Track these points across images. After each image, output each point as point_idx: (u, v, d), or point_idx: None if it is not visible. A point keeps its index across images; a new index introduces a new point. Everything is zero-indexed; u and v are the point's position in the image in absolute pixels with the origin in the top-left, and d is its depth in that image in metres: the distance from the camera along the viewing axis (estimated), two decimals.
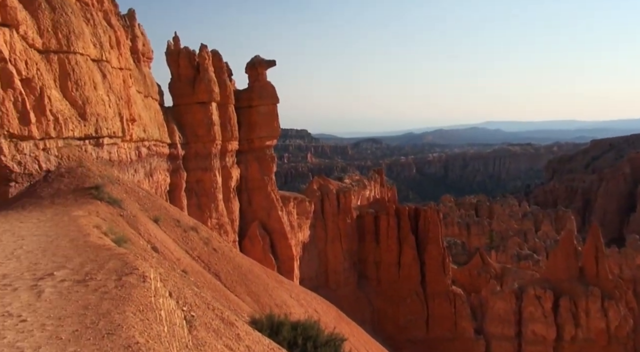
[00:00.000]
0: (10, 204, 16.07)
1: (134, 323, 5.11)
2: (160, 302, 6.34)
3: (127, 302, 5.84)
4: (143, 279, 6.89)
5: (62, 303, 6.06)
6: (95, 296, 6.19)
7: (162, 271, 9.50)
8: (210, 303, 9.27)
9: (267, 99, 48.21)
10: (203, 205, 42.53)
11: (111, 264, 8.01)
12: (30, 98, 16.55)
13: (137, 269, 7.44)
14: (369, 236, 71.41)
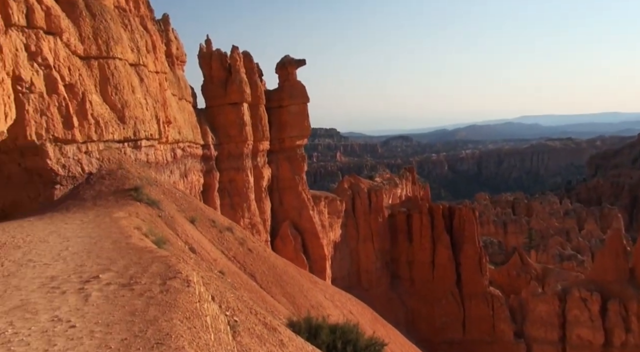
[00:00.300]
0: (55, 206, 16.69)
1: (182, 332, 5.20)
2: (205, 308, 6.46)
3: (173, 308, 5.97)
4: (187, 284, 7.03)
5: (109, 308, 6.23)
6: (141, 301, 6.35)
7: (204, 274, 9.66)
8: (253, 307, 9.38)
9: (297, 99, 48.41)
10: (236, 205, 43.09)
11: (154, 267, 8.21)
12: (73, 103, 17.13)
13: (180, 272, 7.60)
14: (402, 235, 70.75)
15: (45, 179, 16.75)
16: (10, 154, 16.30)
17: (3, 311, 6.54)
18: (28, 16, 15.66)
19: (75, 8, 19.01)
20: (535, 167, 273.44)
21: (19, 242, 11.80)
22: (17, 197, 16.97)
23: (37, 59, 15.92)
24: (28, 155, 16.43)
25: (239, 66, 41.65)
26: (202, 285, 7.91)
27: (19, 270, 9.33)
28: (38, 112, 15.97)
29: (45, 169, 16.50)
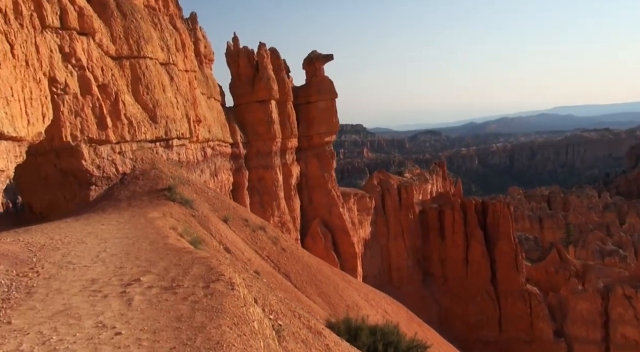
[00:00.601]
0: (91, 207, 16.83)
1: (233, 340, 4.95)
2: (251, 313, 6.21)
3: (220, 314, 5.73)
4: (231, 287, 6.80)
5: (154, 314, 6.04)
6: (186, 306, 6.15)
7: (245, 276, 9.45)
8: (296, 311, 9.12)
9: (325, 95, 48.00)
10: (265, 203, 43.07)
11: (196, 269, 8.03)
12: (106, 104, 17.23)
13: (223, 275, 7.38)
14: (434, 232, 69.64)
15: (81, 180, 16.89)
16: (46, 156, 16.50)
17: (47, 316, 6.44)
18: (62, 18, 15.78)
19: (107, 8, 19.12)
20: (570, 160, 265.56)
21: (57, 244, 11.85)
22: (54, 199, 17.18)
23: (71, 60, 16.04)
24: (64, 157, 16.60)
25: (266, 63, 41.55)
26: (245, 288, 7.69)
27: (60, 272, 9.30)
28: (73, 114, 16.09)
29: (80, 171, 16.64)
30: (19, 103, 8.76)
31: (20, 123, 8.72)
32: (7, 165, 8.65)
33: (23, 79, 9.10)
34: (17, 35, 9.04)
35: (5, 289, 8.02)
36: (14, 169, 9.07)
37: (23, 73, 9.13)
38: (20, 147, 9.11)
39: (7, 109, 8.33)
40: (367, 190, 66.38)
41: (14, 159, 8.94)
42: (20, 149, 9.16)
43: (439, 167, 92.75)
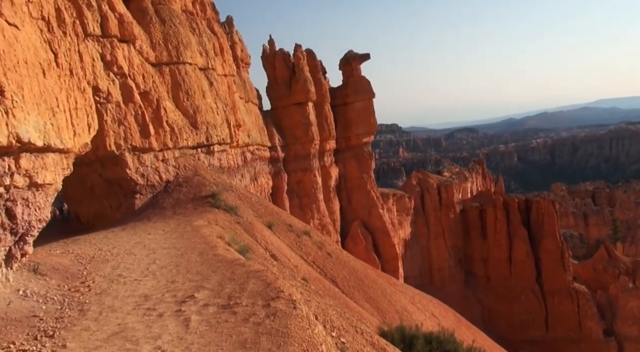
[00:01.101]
0: (136, 215, 16.66)
1: None
2: (316, 334, 5.60)
3: (287, 338, 5.13)
4: (293, 305, 6.21)
5: (215, 337, 5.50)
6: (248, 329, 5.58)
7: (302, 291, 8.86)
8: (357, 326, 8.47)
9: (362, 95, 47.21)
10: (305, 206, 42.62)
11: (252, 284, 7.48)
12: (148, 111, 17.03)
13: (282, 291, 6.80)
14: (475, 231, 67.79)
15: (126, 189, 16.74)
16: (91, 165, 16.41)
17: (102, 339, 6.01)
18: (102, 25, 15.64)
19: (146, 14, 18.98)
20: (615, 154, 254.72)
21: (106, 255, 11.59)
22: (100, 208, 17.11)
23: (113, 68, 15.89)
24: (108, 166, 16.48)
25: (302, 65, 41.09)
26: (305, 304, 7.09)
27: (110, 287, 8.95)
28: (116, 122, 15.94)
29: (125, 179, 16.48)
30: (64, 113, 8.45)
31: (66, 134, 8.41)
32: (55, 178, 8.35)
33: (67, 88, 8.81)
34: (60, 44, 8.75)
35: (58, 306, 7.70)
36: (61, 181, 8.76)
37: (67, 82, 8.84)
38: (67, 159, 8.81)
39: (52, 120, 8.01)
40: (405, 190, 65.18)
41: (62, 172, 8.63)
42: (67, 161, 8.86)
43: (478, 165, 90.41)
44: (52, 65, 8.24)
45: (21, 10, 7.67)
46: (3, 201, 7.30)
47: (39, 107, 7.61)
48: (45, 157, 7.94)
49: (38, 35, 8.03)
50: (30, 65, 7.55)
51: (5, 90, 6.90)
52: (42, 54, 7.95)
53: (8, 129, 6.82)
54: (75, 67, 9.04)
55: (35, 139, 7.35)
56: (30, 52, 7.57)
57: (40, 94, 7.69)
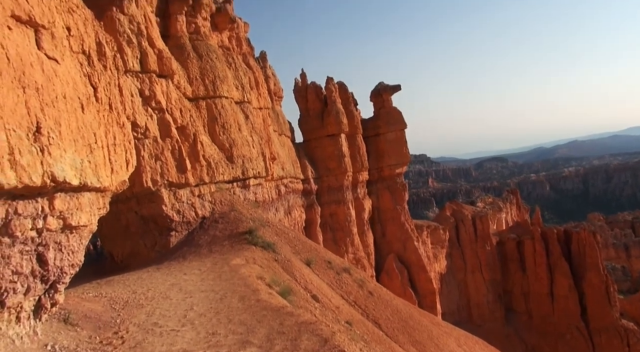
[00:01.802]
0: (171, 254, 15.96)
1: None
2: None
3: None
4: None
5: None
6: None
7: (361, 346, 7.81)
8: None
9: (394, 125, 46.45)
10: (339, 240, 41.46)
11: (305, 340, 6.52)
12: (185, 145, 16.55)
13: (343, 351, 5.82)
14: (513, 264, 64.92)
15: (161, 226, 16.11)
16: (127, 202, 15.90)
17: None
18: (142, 61, 15.40)
19: (183, 50, 18.80)
20: None
21: (140, 300, 10.80)
22: (135, 247, 16.50)
23: (151, 103, 15.54)
24: (144, 203, 15.93)
25: (334, 97, 40.77)
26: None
27: (146, 339, 8.08)
28: (153, 158, 15.47)
29: (161, 216, 15.87)
30: (102, 150, 7.86)
31: (103, 172, 7.79)
32: (90, 219, 7.69)
33: (106, 123, 8.26)
34: (100, 77, 8.26)
35: None
36: (96, 222, 8.09)
37: (106, 117, 8.30)
38: (103, 198, 8.17)
39: (90, 157, 7.41)
40: (439, 221, 63.20)
41: (97, 212, 7.98)
42: (104, 200, 8.22)
43: (512, 195, 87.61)
44: (92, 100, 7.70)
45: (62, 44, 7.22)
46: (34, 245, 6.64)
47: (76, 144, 7.02)
48: (80, 197, 7.29)
49: (78, 69, 7.56)
50: (68, 99, 7.02)
51: (42, 126, 6.35)
52: (81, 88, 7.45)
53: (43, 168, 6.21)
54: (115, 101, 8.51)
55: (71, 177, 6.72)
56: (69, 86, 7.06)
57: (78, 130, 7.12)
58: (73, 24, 7.63)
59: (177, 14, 19.12)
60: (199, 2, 19.82)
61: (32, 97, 6.20)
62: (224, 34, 22.03)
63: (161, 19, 18.94)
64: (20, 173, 5.70)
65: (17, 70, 5.91)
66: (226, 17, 21.40)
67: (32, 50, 6.44)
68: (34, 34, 6.64)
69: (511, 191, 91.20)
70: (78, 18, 7.79)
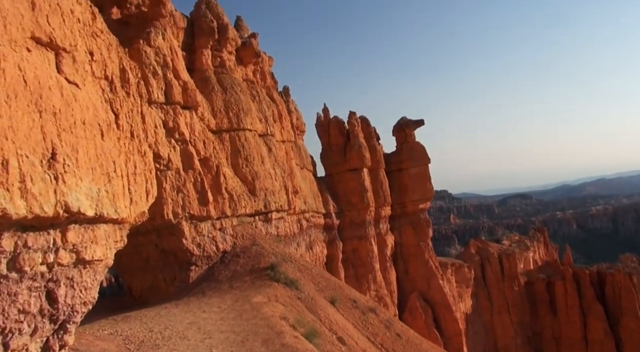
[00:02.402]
0: (190, 290, 15.34)
1: None
2: None
3: None
4: None
5: None
6: None
7: None
8: None
9: (417, 160, 45.77)
10: (361, 276, 40.26)
11: None
12: (207, 177, 16.18)
13: None
14: (543, 305, 62.20)
15: (181, 260, 15.57)
16: (147, 235, 15.46)
17: None
18: (167, 92, 15.28)
19: (208, 83, 18.73)
20: None
21: (157, 340, 10.14)
22: (154, 281, 15.94)
23: (175, 134, 15.31)
24: (164, 236, 15.47)
25: (357, 131, 40.49)
26: None
27: None
28: (175, 190, 15.09)
29: (181, 250, 15.35)
30: (121, 179, 7.43)
31: (122, 202, 7.34)
32: (106, 252, 7.19)
33: (127, 151, 7.88)
34: (122, 104, 7.95)
35: None
36: (113, 256, 7.58)
37: (127, 145, 7.93)
38: (121, 230, 7.69)
39: (108, 187, 6.97)
40: (464, 259, 61.27)
41: (114, 245, 7.47)
42: (121, 232, 7.73)
43: (540, 233, 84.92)
44: (112, 127, 7.34)
45: (83, 68, 6.95)
46: (44, 281, 6.12)
47: (93, 172, 6.61)
48: (96, 229, 6.81)
49: (99, 95, 7.25)
50: (88, 126, 6.66)
51: (57, 153, 5.95)
52: (102, 114, 7.11)
53: (56, 197, 5.76)
54: (137, 129, 8.15)
55: (86, 208, 6.27)
56: (89, 112, 6.72)
57: (96, 158, 6.73)
58: (96, 48, 7.37)
59: (203, 48, 19.21)
60: (225, 37, 19.92)
61: (49, 122, 5.83)
62: (249, 67, 22.05)
63: (187, 52, 19.03)
64: (31, 202, 5.25)
65: (34, 93, 5.57)
66: (251, 51, 21.45)
67: (51, 74, 6.12)
68: (55, 57, 6.34)
69: (538, 229, 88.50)
70: (102, 43, 7.53)
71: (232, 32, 20.40)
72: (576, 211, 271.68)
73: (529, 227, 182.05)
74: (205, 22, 19.10)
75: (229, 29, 20.15)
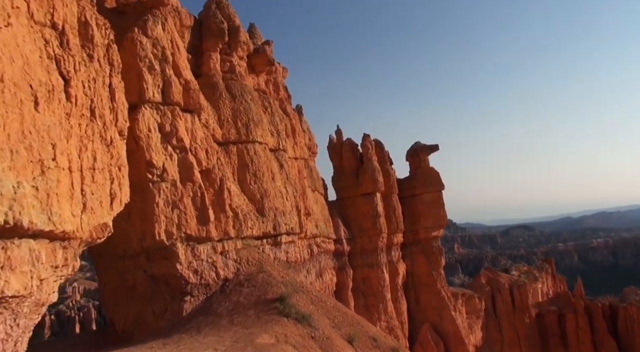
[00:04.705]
0: (184, 324, 12.35)
1: None
2: None
3: None
4: None
5: None
6: None
7: None
8: None
9: (431, 186, 42.84)
10: (370, 306, 36.85)
11: None
12: (209, 192, 13.39)
13: None
14: (554, 339, 58.15)
15: (174, 289, 12.65)
16: (135, 258, 12.60)
17: None
18: (164, 91, 12.69)
19: (215, 89, 16.18)
20: None
21: None
22: (141, 313, 12.99)
23: (172, 140, 12.63)
24: (155, 260, 12.59)
25: (371, 155, 37.80)
26: None
27: None
28: (169, 205, 12.32)
29: (174, 276, 12.46)
30: (68, 174, 4.76)
31: (66, 208, 4.63)
32: (30, 284, 4.41)
33: (82, 136, 5.23)
34: (78, 67, 5.33)
35: None
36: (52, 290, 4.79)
37: (84, 127, 5.28)
38: (65, 249, 4.92)
39: (39, 182, 4.28)
40: (474, 289, 57.49)
41: (51, 273, 4.69)
42: (66, 252, 4.95)
43: (547, 264, 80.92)
44: (58, 96, 4.72)
45: (11, 2, 4.43)
46: None
47: (13, 157, 4.03)
48: (11, 246, 4.13)
49: (39, 47, 4.75)
50: (9, 85, 4.12)
51: None
52: (39, 73, 4.55)
53: None
54: (101, 106, 5.47)
55: None
56: (13, 66, 4.21)
57: (21, 136, 4.14)
58: None
59: (211, 51, 16.78)
60: (236, 40, 17.54)
61: None
62: (261, 77, 19.58)
63: (193, 56, 16.60)
64: None
65: None
66: (264, 58, 19.01)
67: None
68: None
69: (545, 259, 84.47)
70: None
71: (244, 35, 18.02)
72: (577, 243, 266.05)
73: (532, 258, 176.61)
74: (214, 23, 16.75)
75: (240, 31, 17.78)
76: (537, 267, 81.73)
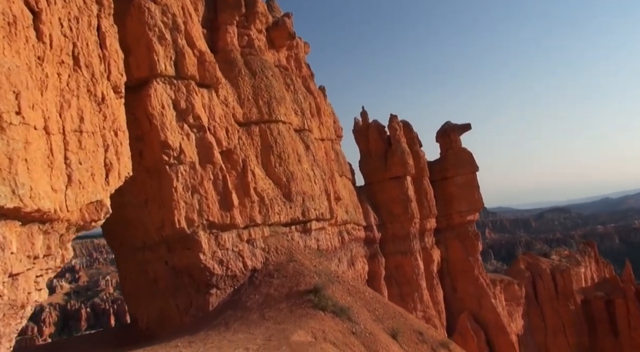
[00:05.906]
0: (210, 320, 11.36)
1: None
2: None
3: None
4: None
5: None
6: None
7: None
8: None
9: (464, 168, 40.97)
10: (405, 295, 35.53)
11: None
12: (231, 175, 12.30)
13: None
14: (602, 325, 55.74)
15: (198, 281, 11.66)
16: (155, 249, 11.65)
17: None
18: (177, 63, 11.60)
19: (234, 66, 15.04)
20: None
21: None
22: (164, 309, 12.07)
23: (188, 118, 11.55)
24: (176, 250, 11.60)
25: (399, 136, 36.24)
26: None
27: None
28: (189, 190, 11.27)
29: (197, 268, 11.45)
30: (44, 137, 3.65)
31: (42, 181, 3.53)
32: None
33: (63, 88, 4.13)
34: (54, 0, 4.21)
35: None
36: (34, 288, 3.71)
37: (65, 77, 4.17)
38: (47, 235, 3.82)
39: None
40: (512, 275, 55.45)
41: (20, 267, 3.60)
42: (46, 239, 3.86)
43: (589, 247, 77.81)
44: (24, 32, 3.65)
45: None
46: None
47: None
48: None
49: None
50: None
51: None
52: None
53: None
54: (87, 53, 4.38)
55: None
56: None
57: None
58: None
59: (227, 25, 15.62)
60: (253, 11, 16.33)
61: None
62: (281, 52, 18.34)
63: (208, 30, 15.48)
64: None
65: None
66: (284, 32, 17.73)
67: None
68: None
69: (587, 242, 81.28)
70: None
71: (261, 6, 16.80)
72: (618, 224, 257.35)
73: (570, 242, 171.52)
74: None
75: (258, 2, 16.56)
76: (579, 251, 78.79)
